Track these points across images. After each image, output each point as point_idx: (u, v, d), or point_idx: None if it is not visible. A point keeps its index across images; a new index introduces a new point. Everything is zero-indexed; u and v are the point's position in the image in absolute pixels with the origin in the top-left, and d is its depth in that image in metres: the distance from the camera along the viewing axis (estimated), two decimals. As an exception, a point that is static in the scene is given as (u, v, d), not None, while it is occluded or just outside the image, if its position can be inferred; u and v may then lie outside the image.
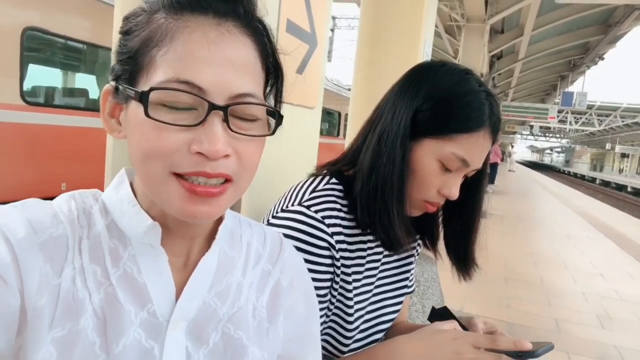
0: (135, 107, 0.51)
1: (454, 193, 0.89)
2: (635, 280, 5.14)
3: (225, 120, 0.51)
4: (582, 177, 50.70)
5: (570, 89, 21.57)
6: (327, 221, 0.88)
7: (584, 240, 7.29)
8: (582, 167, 71.44)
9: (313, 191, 0.93)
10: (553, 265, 5.45)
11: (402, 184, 0.89)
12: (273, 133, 0.57)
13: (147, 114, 0.49)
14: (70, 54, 4.65)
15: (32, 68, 4.10)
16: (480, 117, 0.86)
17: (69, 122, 4.33)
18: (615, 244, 7.09)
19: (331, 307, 0.94)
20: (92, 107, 4.67)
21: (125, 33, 0.54)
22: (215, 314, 0.60)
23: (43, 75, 4.39)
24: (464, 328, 0.95)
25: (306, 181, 0.97)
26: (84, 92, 4.86)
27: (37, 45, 4.13)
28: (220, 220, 0.64)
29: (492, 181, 14.40)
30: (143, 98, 0.49)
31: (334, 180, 0.95)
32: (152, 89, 0.49)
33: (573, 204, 12.94)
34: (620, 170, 58.13)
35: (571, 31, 13.80)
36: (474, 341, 0.82)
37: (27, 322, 0.48)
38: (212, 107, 0.49)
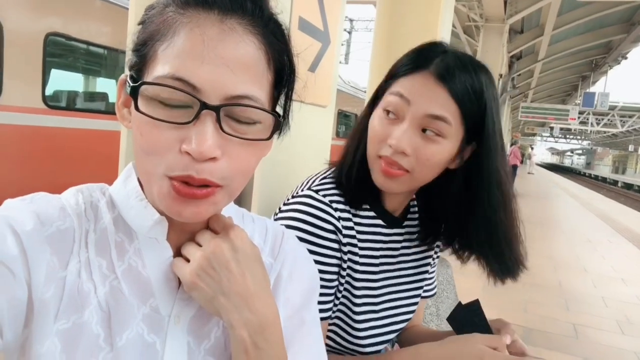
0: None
1: (399, 140, 0.84)
2: (658, 285, 5.02)
3: (218, 121, 0.49)
4: (604, 179, 49.66)
5: (592, 89, 21.14)
6: (334, 205, 0.90)
7: (604, 244, 7.13)
8: (603, 169, 70.00)
9: (323, 178, 0.96)
10: (572, 270, 5.34)
11: (358, 144, 0.93)
12: (269, 138, 0.55)
13: (136, 108, 0.49)
14: (91, 59, 4.74)
15: (54, 73, 4.19)
16: (417, 61, 0.87)
17: (90, 125, 4.40)
18: (637, 248, 6.92)
19: (339, 295, 0.94)
20: (113, 110, 4.75)
21: (141, 24, 0.55)
22: None
23: (64, 80, 4.48)
24: (488, 329, 0.93)
25: (318, 172, 1.00)
26: (104, 96, 4.94)
27: (59, 51, 4.22)
28: None
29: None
30: (133, 92, 0.50)
31: (346, 173, 0.96)
32: (142, 83, 0.49)
33: (594, 207, 12.68)
34: (644, 173, 56.79)
35: (593, 30, 13.54)
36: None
37: (34, 314, 0.48)
38: (204, 106, 0.48)
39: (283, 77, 0.58)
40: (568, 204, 13.10)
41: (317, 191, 0.91)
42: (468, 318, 0.94)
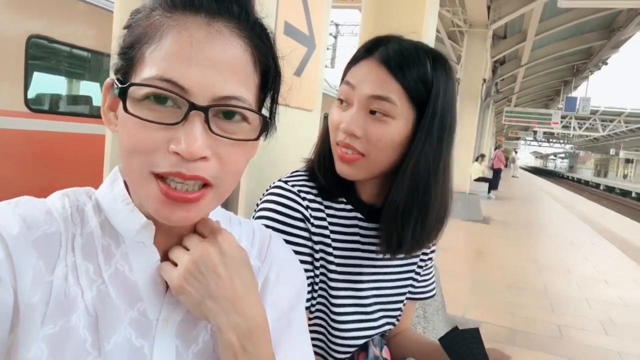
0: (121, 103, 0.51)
1: (348, 123, 0.88)
2: (639, 286, 5.10)
3: (207, 122, 0.50)
4: (586, 182, 50.49)
5: (574, 94, 21.53)
6: (302, 195, 0.92)
7: (587, 247, 7.25)
8: (585, 172, 71.23)
9: (295, 171, 0.99)
10: (556, 272, 5.42)
11: (326, 137, 0.96)
12: (257, 138, 0.56)
13: (125, 109, 0.49)
14: (74, 62, 4.68)
15: (37, 76, 4.13)
16: (361, 50, 0.92)
17: (73, 129, 4.35)
18: (619, 250, 7.05)
19: (316, 287, 0.95)
20: (97, 114, 4.69)
21: (127, 28, 0.55)
22: None
23: (47, 83, 4.42)
24: (486, 358, 0.90)
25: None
26: (87, 100, 4.88)
27: (42, 53, 4.16)
28: None
29: (495, 187, 14.38)
30: (121, 93, 0.50)
31: (316, 165, 0.99)
32: (130, 85, 0.49)
33: (577, 209, 12.88)
34: (625, 176, 57.88)
35: (574, 36, 13.79)
36: None
37: (20, 319, 0.48)
38: (193, 107, 0.49)
39: (269, 80, 0.59)
40: (551, 207, 13.29)
41: (286, 182, 0.94)
42: (464, 344, 0.92)
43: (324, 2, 1.42)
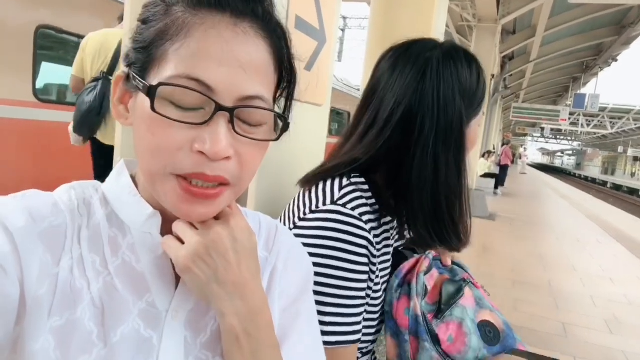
0: (143, 100, 0.51)
1: None
2: (645, 284, 5.09)
3: (231, 122, 0.50)
4: (593, 180, 50.16)
5: (583, 90, 21.31)
6: (364, 217, 0.86)
7: (593, 244, 7.22)
8: (593, 170, 70.75)
9: (341, 188, 0.90)
10: (562, 269, 5.40)
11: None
12: (278, 139, 0.56)
13: (153, 109, 0.49)
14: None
15: (45, 66, 4.14)
16: None
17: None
18: (625, 248, 7.01)
19: (367, 306, 0.90)
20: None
21: (143, 22, 0.54)
22: None
23: (55, 74, 4.43)
24: None
25: (324, 182, 0.93)
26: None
27: (50, 44, 4.17)
28: None
29: (502, 183, 14.32)
30: (150, 92, 0.49)
31: (353, 175, 0.93)
32: (160, 84, 0.49)
33: (583, 207, 12.81)
34: (633, 174, 57.48)
35: (584, 32, 13.64)
36: None
37: (27, 311, 0.48)
38: (219, 107, 0.49)
39: (284, 80, 0.60)
40: (558, 204, 13.22)
41: (343, 204, 0.86)
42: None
43: (334, -5, 1.41)
